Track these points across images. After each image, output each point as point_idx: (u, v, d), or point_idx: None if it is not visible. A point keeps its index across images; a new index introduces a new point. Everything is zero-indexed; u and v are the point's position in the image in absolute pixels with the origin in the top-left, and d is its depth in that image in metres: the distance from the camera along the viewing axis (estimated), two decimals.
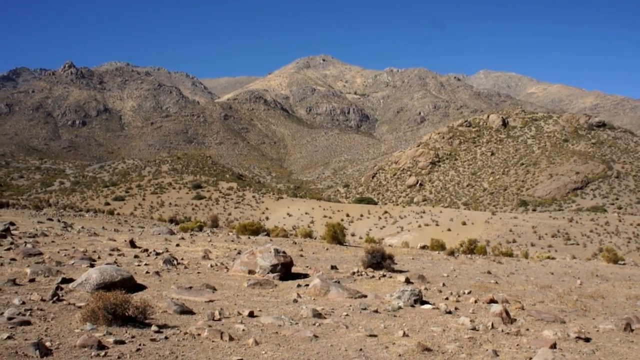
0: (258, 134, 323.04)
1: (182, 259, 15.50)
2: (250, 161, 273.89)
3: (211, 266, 14.78)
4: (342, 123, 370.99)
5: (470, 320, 10.09)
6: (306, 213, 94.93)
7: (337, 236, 26.35)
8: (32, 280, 11.09)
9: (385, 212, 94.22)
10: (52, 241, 18.22)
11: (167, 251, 17.16)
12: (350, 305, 10.99)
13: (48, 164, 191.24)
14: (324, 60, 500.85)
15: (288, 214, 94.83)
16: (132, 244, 18.00)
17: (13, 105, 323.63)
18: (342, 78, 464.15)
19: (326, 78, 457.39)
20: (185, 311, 9.26)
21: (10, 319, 7.87)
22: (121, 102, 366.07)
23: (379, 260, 16.96)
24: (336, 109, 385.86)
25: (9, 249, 15.37)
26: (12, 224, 24.75)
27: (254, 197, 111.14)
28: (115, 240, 19.89)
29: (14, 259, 13.61)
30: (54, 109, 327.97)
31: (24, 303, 9.04)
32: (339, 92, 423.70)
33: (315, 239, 31.76)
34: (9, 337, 6.99)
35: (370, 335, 8.57)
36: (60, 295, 9.73)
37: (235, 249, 19.35)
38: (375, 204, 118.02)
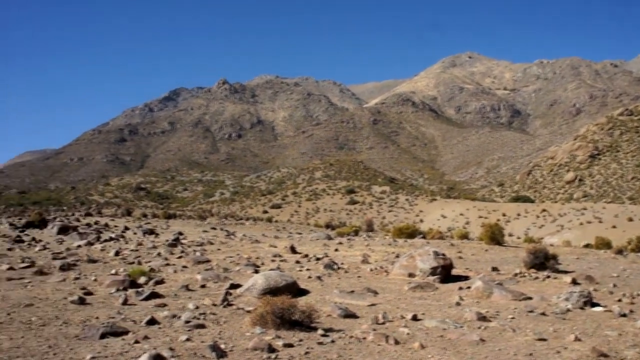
0: (408, 137, 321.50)
1: (342, 264, 15.69)
2: (401, 164, 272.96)
3: (371, 270, 14.84)
4: (492, 120, 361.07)
5: None
6: (461, 214, 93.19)
7: (495, 237, 25.60)
8: (203, 286, 11.69)
9: (544, 210, 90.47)
10: (218, 249, 19.07)
11: (327, 256, 17.44)
12: (515, 308, 10.60)
13: (209, 176, 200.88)
14: (470, 57, 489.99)
15: (442, 216, 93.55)
16: (293, 250, 18.47)
17: (175, 123, 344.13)
18: (489, 74, 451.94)
19: (473, 75, 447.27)
20: (349, 315, 9.34)
21: (187, 322, 8.36)
22: (273, 113, 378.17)
23: (542, 261, 16.26)
24: (486, 106, 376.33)
25: (180, 257, 16.31)
26: (180, 233, 26.23)
27: (407, 199, 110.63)
28: (276, 247, 20.49)
29: (185, 267, 14.42)
30: (212, 124, 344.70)
31: (197, 307, 9.56)
32: (487, 88, 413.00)
33: (472, 240, 31.07)
34: (187, 339, 7.40)
35: (540, 340, 8.20)
36: (230, 300, 10.17)
37: (393, 252, 19.31)
38: (532, 202, 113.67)
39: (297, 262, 15.96)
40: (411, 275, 13.78)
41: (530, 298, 11.65)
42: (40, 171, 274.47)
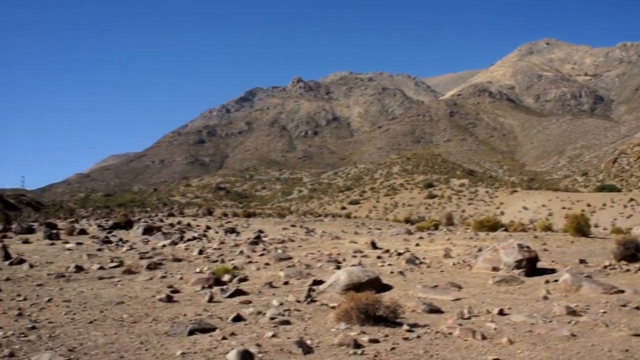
0: (486, 128, 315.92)
1: (423, 258, 15.54)
2: (479, 156, 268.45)
3: (453, 264, 14.65)
4: (574, 108, 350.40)
5: None
6: (543, 205, 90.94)
7: (581, 228, 24.77)
8: (286, 283, 11.81)
9: (631, 199, 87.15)
10: (299, 246, 19.21)
11: (408, 251, 17.31)
12: (607, 302, 10.20)
13: (286, 174, 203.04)
14: (547, 44, 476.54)
15: (524, 208, 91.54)
16: (374, 245, 18.42)
17: (251, 123, 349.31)
18: (569, 60, 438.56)
19: (552, 62, 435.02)
20: (434, 310, 9.22)
21: (272, 318, 8.45)
22: (348, 109, 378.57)
23: (633, 252, 15.62)
24: (566, 94, 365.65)
25: (262, 255, 16.52)
26: (261, 231, 26.59)
27: (486, 192, 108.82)
28: (356, 243, 20.49)
29: (267, 264, 14.59)
30: (288, 122, 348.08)
31: (281, 304, 9.65)
32: (567, 75, 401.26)
33: (555, 232, 30.23)
34: (273, 336, 7.47)
35: (636, 335, 7.82)
36: (313, 296, 10.21)
37: (475, 246, 18.99)
38: (619, 191, 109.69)
39: (379, 257, 15.91)
40: (495, 269, 13.51)
41: (622, 291, 11.21)
42: (124, 174, 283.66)
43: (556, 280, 12.06)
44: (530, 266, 13.41)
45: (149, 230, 25.54)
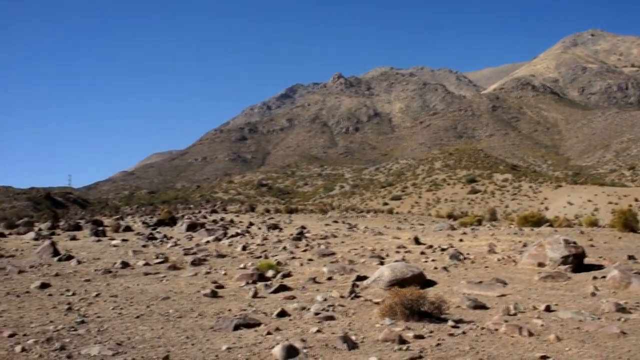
0: (529, 122, 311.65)
1: (467, 254, 15.41)
2: (523, 150, 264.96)
3: (498, 260, 14.48)
4: (620, 100, 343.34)
5: None
6: (588, 200, 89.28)
7: (629, 223, 24.26)
8: (329, 279, 11.82)
9: None
10: (342, 242, 19.21)
11: (452, 246, 17.19)
12: None
13: (328, 170, 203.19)
14: (592, 35, 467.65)
15: (569, 203, 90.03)
16: (417, 241, 18.33)
17: (293, 120, 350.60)
18: (615, 51, 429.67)
19: (597, 54, 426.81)
20: (479, 306, 9.12)
21: (316, 314, 8.47)
22: (389, 105, 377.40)
23: None
24: (612, 86, 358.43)
25: (305, 250, 16.57)
26: (303, 227, 26.66)
27: (530, 187, 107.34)
28: (399, 238, 20.41)
29: (310, 260, 14.63)
30: (329, 118, 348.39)
31: (325, 300, 9.66)
32: (613, 67, 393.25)
33: (602, 227, 29.67)
34: (318, 331, 7.49)
35: None
36: (357, 292, 10.20)
37: (520, 242, 18.77)
38: None
39: (422, 253, 15.82)
40: (540, 264, 13.30)
41: None
42: (167, 171, 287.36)
43: (604, 277, 11.82)
44: (577, 262, 13.17)
45: (192, 227, 25.80)
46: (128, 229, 26.24)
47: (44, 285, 11.11)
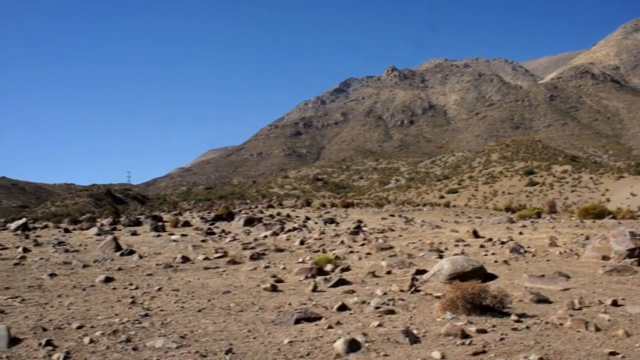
0: (588, 111, 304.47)
1: (528, 247, 15.14)
2: (582, 141, 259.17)
3: (560, 253, 14.18)
4: None
5: None
6: None
7: None
8: (388, 273, 11.78)
9: None
10: (400, 235, 19.12)
11: (512, 239, 16.93)
12: None
13: (383, 164, 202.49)
14: None
15: (631, 194, 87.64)
16: (475, 234, 18.11)
17: (347, 114, 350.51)
18: None
19: None
20: (542, 300, 8.94)
21: (376, 308, 8.45)
22: (444, 97, 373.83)
23: None
24: None
25: (363, 244, 16.55)
26: (360, 221, 26.58)
27: (591, 178, 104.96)
28: (457, 232, 20.20)
29: (369, 254, 14.60)
30: (383, 112, 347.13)
31: (385, 294, 9.63)
32: None
33: None
34: (379, 325, 7.46)
35: None
36: (417, 285, 10.13)
37: (582, 234, 18.34)
38: None
39: (481, 246, 15.63)
40: (605, 257, 12.97)
41: None
42: (223, 167, 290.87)
43: None
44: None
45: (250, 222, 26.01)
46: (187, 224, 26.61)
47: (108, 279, 11.39)
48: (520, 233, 19.48)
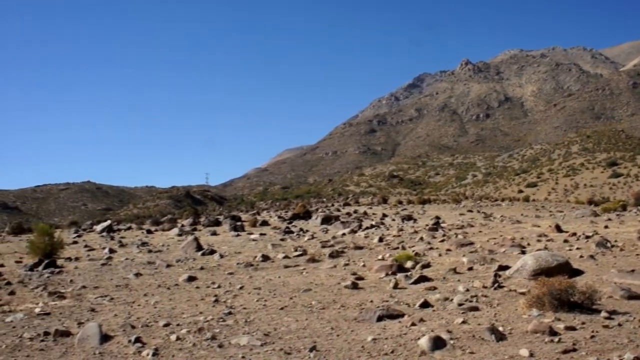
0: None
1: (615, 241, 14.62)
2: None
3: None
4: None
5: None
6: None
7: None
8: (470, 269, 11.61)
9: None
10: (479, 231, 18.84)
11: (597, 233, 16.41)
12: None
13: (459, 159, 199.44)
14: None
15: None
16: (558, 229, 17.66)
17: (421, 109, 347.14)
18: None
19: None
20: (633, 296, 8.59)
21: (459, 304, 8.34)
22: (520, 89, 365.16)
23: None
24: None
25: (442, 241, 16.38)
26: (438, 217, 26.34)
27: None
28: (539, 226, 19.75)
29: (449, 250, 14.43)
30: (458, 106, 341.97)
31: (467, 290, 9.49)
32: None
33: None
34: (463, 322, 7.36)
35: None
36: (500, 282, 9.94)
37: None
38: None
39: (565, 241, 15.20)
40: None
41: None
42: (299, 167, 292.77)
43: None
44: None
45: (327, 220, 26.13)
46: (265, 223, 26.96)
47: (191, 278, 11.67)
48: (606, 227, 18.88)
